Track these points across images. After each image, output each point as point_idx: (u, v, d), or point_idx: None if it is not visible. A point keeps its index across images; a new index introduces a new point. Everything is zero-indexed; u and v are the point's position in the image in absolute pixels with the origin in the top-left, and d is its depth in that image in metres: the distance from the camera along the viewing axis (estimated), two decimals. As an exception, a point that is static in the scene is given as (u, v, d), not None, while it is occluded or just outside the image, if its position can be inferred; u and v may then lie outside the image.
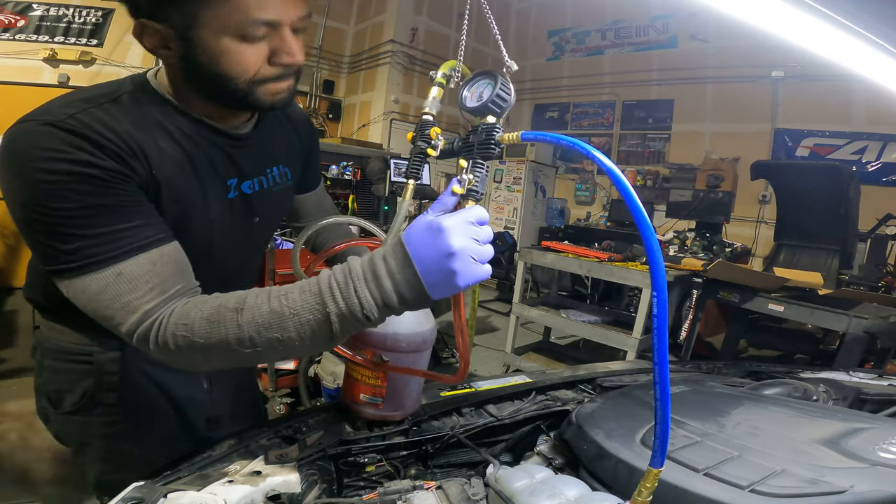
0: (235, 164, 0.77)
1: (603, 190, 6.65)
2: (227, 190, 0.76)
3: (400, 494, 0.62)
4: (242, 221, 0.80)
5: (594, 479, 0.69)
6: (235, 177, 0.77)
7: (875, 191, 4.39)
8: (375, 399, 0.77)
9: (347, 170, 5.21)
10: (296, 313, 0.54)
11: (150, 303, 0.58)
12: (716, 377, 1.26)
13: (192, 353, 0.57)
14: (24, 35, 4.27)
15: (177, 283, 0.61)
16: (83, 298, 0.58)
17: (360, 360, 0.76)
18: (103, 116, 0.59)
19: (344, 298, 0.52)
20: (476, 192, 0.57)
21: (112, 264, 0.57)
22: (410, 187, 0.65)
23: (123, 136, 0.59)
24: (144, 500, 0.54)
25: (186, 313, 0.57)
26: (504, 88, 0.58)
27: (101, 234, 0.57)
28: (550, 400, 0.99)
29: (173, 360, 0.59)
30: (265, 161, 0.83)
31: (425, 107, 0.64)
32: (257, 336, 0.55)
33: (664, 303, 0.45)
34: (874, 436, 0.73)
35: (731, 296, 2.71)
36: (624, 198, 0.45)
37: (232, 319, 0.55)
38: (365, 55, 6.37)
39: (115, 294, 0.57)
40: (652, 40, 6.13)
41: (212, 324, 0.56)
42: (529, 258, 3.26)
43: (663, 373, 0.46)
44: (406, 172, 0.65)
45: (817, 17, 0.73)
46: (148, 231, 0.60)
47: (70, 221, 0.56)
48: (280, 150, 0.87)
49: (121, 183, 0.59)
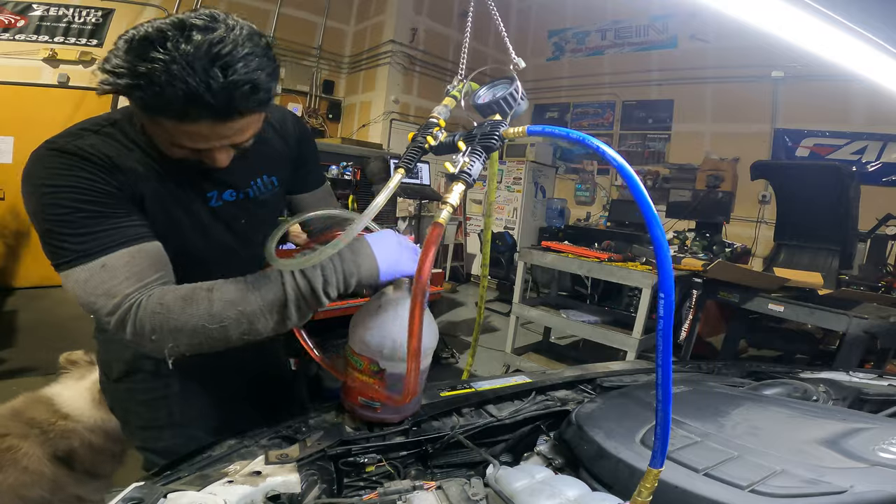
0: (213, 180, 0.83)
1: (603, 190, 6.65)
2: (207, 200, 0.84)
3: (400, 494, 0.62)
4: (229, 228, 0.88)
5: (594, 479, 0.69)
6: (215, 189, 0.84)
7: (875, 191, 4.39)
8: (373, 403, 0.77)
9: (347, 170, 5.21)
10: (256, 288, 0.66)
11: (128, 288, 0.66)
12: (716, 377, 1.26)
13: (164, 334, 0.65)
14: (24, 35, 4.28)
15: (154, 273, 0.70)
16: (76, 288, 0.67)
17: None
18: (97, 142, 0.71)
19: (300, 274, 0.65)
20: (468, 176, 0.56)
21: (98, 257, 0.67)
22: (397, 176, 0.63)
23: (112, 157, 0.70)
24: (144, 500, 0.54)
25: (162, 295, 0.66)
26: (516, 91, 0.58)
27: (90, 233, 0.67)
28: (550, 400, 0.99)
29: (146, 342, 0.66)
30: (247, 174, 0.89)
31: (434, 111, 0.65)
32: (223, 311, 0.64)
33: (670, 305, 0.44)
34: (874, 436, 0.73)
35: (731, 296, 2.70)
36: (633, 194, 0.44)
37: (204, 297, 0.65)
38: (365, 55, 6.37)
39: (98, 282, 0.66)
40: (652, 40, 6.14)
41: (186, 301, 0.65)
42: (529, 258, 3.27)
43: (666, 374, 0.46)
44: (399, 162, 0.65)
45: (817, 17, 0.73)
46: (130, 231, 0.70)
47: (67, 224, 0.66)
48: (263, 160, 0.90)
49: (108, 194, 0.69)
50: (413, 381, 0.63)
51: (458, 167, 0.56)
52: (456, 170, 0.56)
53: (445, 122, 0.65)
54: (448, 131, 0.63)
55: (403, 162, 0.64)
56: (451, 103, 0.65)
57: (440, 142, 0.62)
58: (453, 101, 0.65)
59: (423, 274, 0.53)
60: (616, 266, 2.84)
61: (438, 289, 3.72)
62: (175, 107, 0.60)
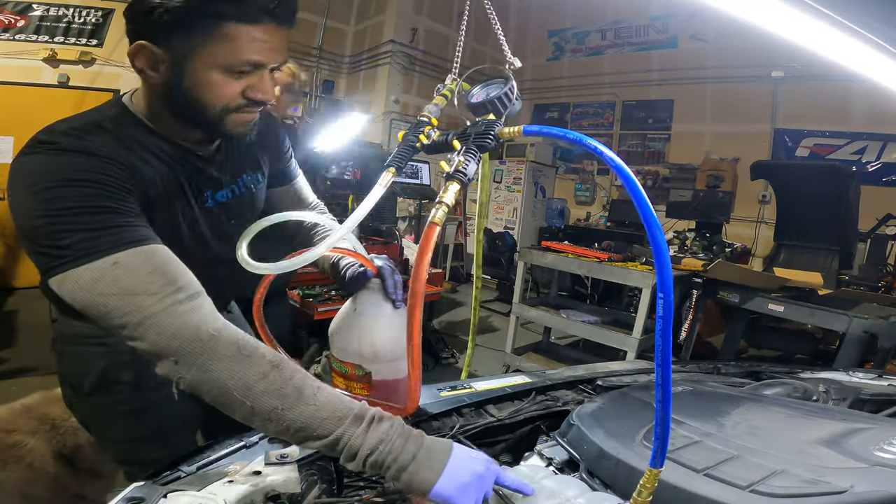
0: (207, 179, 0.84)
1: (603, 190, 6.65)
2: (203, 201, 0.84)
3: (400, 494, 0.62)
4: (222, 226, 0.89)
5: (594, 479, 0.69)
6: (210, 189, 0.85)
7: (875, 191, 4.39)
8: None
9: (347, 170, 5.20)
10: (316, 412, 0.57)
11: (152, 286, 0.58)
12: (716, 377, 1.26)
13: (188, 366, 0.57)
14: (24, 35, 4.27)
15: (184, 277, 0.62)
16: (75, 292, 0.59)
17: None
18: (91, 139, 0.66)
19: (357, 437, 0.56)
20: (463, 175, 0.56)
21: (108, 254, 0.59)
22: (388, 175, 0.63)
23: (111, 154, 0.67)
24: (144, 500, 0.54)
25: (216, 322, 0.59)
26: (511, 91, 0.58)
27: (95, 229, 0.60)
28: (550, 400, 0.99)
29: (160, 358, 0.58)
30: (235, 171, 0.90)
31: (425, 110, 0.64)
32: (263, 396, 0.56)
33: (670, 305, 0.44)
34: (874, 436, 0.73)
35: (731, 296, 2.70)
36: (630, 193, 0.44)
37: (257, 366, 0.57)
38: (365, 55, 6.36)
39: (111, 279, 0.58)
40: (652, 40, 6.13)
41: (241, 353, 0.58)
42: (529, 258, 3.26)
43: (666, 375, 0.46)
44: (389, 160, 0.64)
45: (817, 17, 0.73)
46: (142, 231, 0.64)
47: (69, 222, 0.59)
48: (248, 158, 0.93)
49: (113, 188, 0.64)
50: (415, 387, 0.63)
51: (453, 166, 0.56)
52: (451, 169, 0.56)
53: (437, 120, 0.65)
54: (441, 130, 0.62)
55: (395, 161, 0.64)
56: (441, 102, 0.65)
57: (433, 140, 0.62)
58: (444, 100, 0.65)
59: (420, 278, 0.53)
60: (616, 266, 2.83)
61: (438, 288, 3.72)
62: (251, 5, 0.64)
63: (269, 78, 0.73)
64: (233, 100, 0.71)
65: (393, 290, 0.82)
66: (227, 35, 0.65)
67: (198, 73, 0.68)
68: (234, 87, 0.70)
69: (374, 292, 0.80)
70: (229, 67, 0.68)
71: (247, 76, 0.70)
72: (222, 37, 0.65)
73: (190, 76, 0.68)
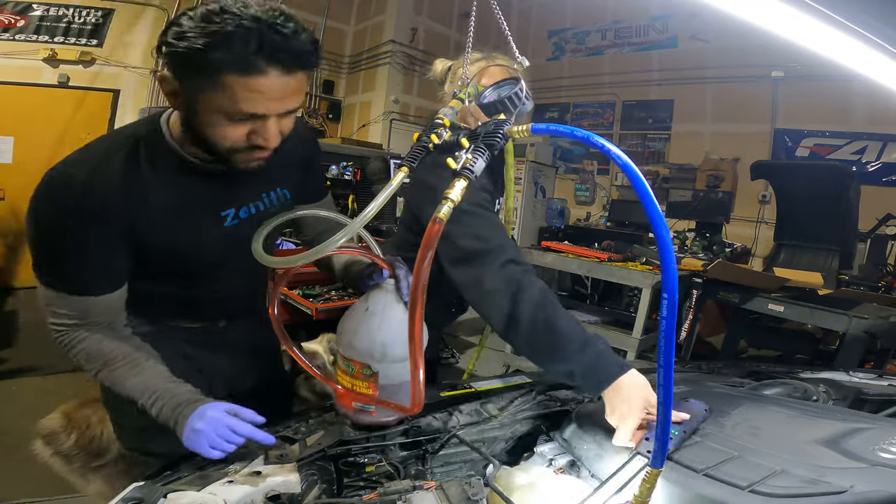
0: (231, 196, 0.87)
1: (603, 190, 6.65)
2: (223, 220, 0.87)
3: (400, 494, 0.62)
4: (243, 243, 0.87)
5: (594, 479, 0.69)
6: (232, 207, 0.87)
7: (875, 191, 4.38)
8: (367, 407, 0.77)
9: (347, 170, 5.19)
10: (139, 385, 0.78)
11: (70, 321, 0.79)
12: (716, 377, 1.26)
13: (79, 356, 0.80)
14: (24, 35, 4.27)
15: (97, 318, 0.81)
16: (42, 298, 0.79)
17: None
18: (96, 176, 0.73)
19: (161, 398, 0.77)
20: (470, 172, 0.56)
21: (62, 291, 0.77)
22: (400, 175, 0.63)
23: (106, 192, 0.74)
24: (144, 500, 0.54)
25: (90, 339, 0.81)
26: (521, 91, 0.58)
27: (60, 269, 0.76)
28: (550, 400, 0.99)
29: None
30: (261, 187, 0.91)
31: (440, 112, 0.65)
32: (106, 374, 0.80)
33: (674, 305, 0.43)
34: (874, 436, 0.73)
35: (731, 296, 2.70)
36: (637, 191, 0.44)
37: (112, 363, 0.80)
38: (365, 55, 6.36)
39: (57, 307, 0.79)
40: (652, 40, 6.13)
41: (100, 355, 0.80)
42: (529, 258, 3.26)
43: (668, 374, 0.46)
44: (401, 161, 0.65)
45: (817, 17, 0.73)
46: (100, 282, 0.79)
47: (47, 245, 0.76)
48: (276, 173, 0.92)
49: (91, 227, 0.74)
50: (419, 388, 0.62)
51: (460, 163, 0.56)
52: (458, 166, 0.56)
53: (451, 122, 0.65)
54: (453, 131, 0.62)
55: (406, 161, 0.64)
56: (457, 105, 0.65)
57: (444, 141, 0.62)
58: (460, 104, 0.65)
59: (421, 275, 0.52)
60: (616, 266, 2.83)
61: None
62: (247, 57, 0.63)
63: (273, 124, 0.72)
64: (237, 142, 0.73)
65: (407, 292, 0.82)
66: (224, 85, 0.65)
67: (202, 113, 0.70)
68: (238, 130, 0.71)
69: (388, 293, 0.80)
70: (229, 116, 0.69)
71: (251, 121, 0.71)
72: (220, 86, 0.65)
73: (196, 114, 0.71)
